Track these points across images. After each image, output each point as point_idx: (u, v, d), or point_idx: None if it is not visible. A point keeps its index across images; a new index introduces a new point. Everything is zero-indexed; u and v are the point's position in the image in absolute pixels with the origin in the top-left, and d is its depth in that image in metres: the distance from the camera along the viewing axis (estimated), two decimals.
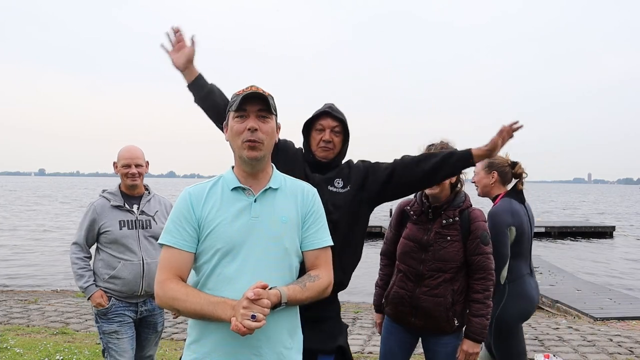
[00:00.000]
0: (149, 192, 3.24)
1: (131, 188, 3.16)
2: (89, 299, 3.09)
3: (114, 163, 3.18)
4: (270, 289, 1.59)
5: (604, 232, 23.07)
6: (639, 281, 12.91)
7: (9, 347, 5.10)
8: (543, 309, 8.40)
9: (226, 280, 1.66)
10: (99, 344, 5.28)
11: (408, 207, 2.83)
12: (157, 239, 3.05)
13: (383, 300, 2.87)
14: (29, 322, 6.38)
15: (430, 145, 2.70)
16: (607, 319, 7.21)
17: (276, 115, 1.79)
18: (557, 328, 6.61)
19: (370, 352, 5.35)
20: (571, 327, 6.65)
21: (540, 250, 17.41)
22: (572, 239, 21.62)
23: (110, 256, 3.06)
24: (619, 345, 5.69)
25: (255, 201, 1.72)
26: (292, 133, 2.81)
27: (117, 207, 3.11)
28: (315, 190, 1.84)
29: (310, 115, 2.40)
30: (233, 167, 1.80)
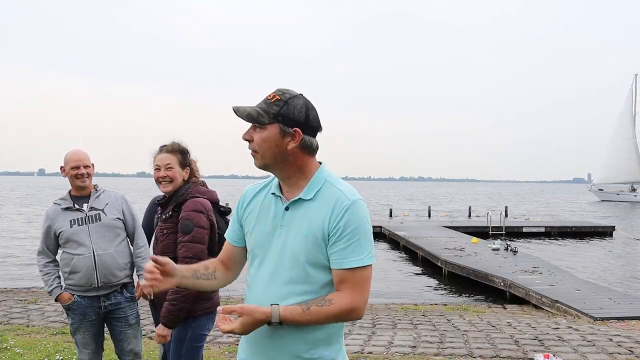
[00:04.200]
0: (96, 190, 3.37)
1: (80, 189, 3.31)
2: (56, 300, 3.32)
3: (62, 167, 3.33)
4: (272, 305, 1.62)
5: (604, 232, 23.06)
6: (639, 281, 12.92)
7: (9, 347, 5.11)
8: (543, 309, 8.41)
9: (252, 284, 1.74)
10: None
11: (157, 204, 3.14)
12: (109, 230, 3.27)
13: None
14: (29, 322, 6.38)
15: (162, 146, 3.02)
16: (607, 318, 7.20)
17: (285, 121, 1.66)
18: (557, 328, 6.61)
19: (371, 352, 5.36)
20: (571, 327, 6.65)
21: (540, 250, 17.41)
22: (572, 239, 21.63)
23: (67, 254, 3.25)
24: (619, 345, 5.69)
25: (287, 209, 1.70)
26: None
27: (67, 209, 3.28)
28: (350, 202, 1.65)
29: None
30: None
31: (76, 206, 3.27)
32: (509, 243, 14.64)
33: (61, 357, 4.80)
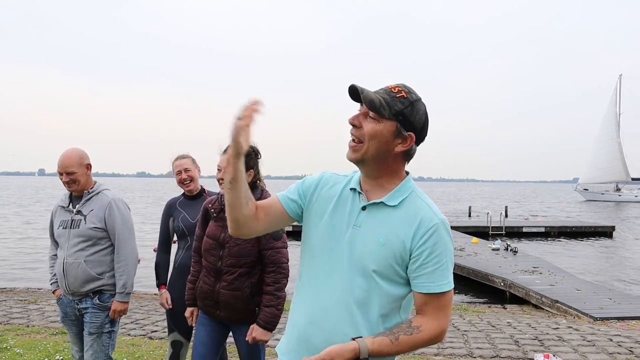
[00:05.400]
0: (89, 192, 3.20)
1: (74, 191, 3.22)
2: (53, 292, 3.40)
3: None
4: (354, 339, 1.50)
5: (604, 232, 23.07)
6: (639, 281, 12.91)
7: (9, 347, 5.10)
8: (543, 309, 8.41)
9: (313, 281, 1.63)
10: None
11: (210, 205, 2.95)
12: (85, 239, 3.11)
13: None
14: (29, 322, 6.38)
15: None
16: (607, 318, 7.21)
17: (404, 122, 1.54)
18: (557, 328, 6.61)
19: None
20: (571, 327, 6.65)
21: (540, 250, 17.41)
22: (572, 239, 21.63)
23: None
24: (619, 345, 5.69)
25: (364, 209, 1.59)
26: (294, 133, 2.81)
27: (62, 207, 3.26)
28: (440, 222, 1.55)
29: None
30: None
31: (70, 207, 3.22)
32: (509, 243, 14.65)
33: (61, 357, 4.80)
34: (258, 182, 2.88)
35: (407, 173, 1.65)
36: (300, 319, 1.64)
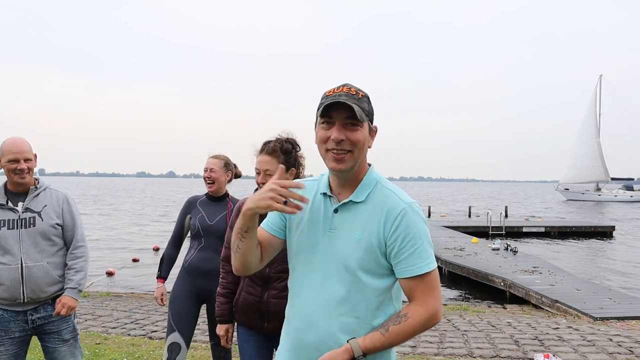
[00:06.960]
0: (36, 187, 2.87)
1: (18, 185, 2.83)
2: None
3: None
4: (348, 341, 1.53)
5: (604, 232, 23.07)
6: (639, 281, 12.91)
7: None
8: (543, 308, 8.41)
9: (299, 290, 1.66)
10: (99, 344, 5.27)
11: None
12: (44, 237, 2.80)
13: (233, 309, 2.68)
14: None
15: (267, 142, 2.56)
16: (607, 318, 7.21)
17: (370, 119, 1.61)
18: (557, 328, 6.61)
19: None
20: (571, 327, 6.65)
21: (540, 250, 17.41)
22: (572, 238, 21.63)
23: None
24: (619, 345, 5.69)
25: (336, 211, 1.62)
26: (294, 133, 2.70)
27: (0, 206, 2.80)
28: (405, 207, 1.57)
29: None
30: None
31: (10, 204, 2.79)
32: (509, 243, 14.65)
33: None
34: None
35: (369, 165, 1.68)
36: (294, 323, 1.69)
